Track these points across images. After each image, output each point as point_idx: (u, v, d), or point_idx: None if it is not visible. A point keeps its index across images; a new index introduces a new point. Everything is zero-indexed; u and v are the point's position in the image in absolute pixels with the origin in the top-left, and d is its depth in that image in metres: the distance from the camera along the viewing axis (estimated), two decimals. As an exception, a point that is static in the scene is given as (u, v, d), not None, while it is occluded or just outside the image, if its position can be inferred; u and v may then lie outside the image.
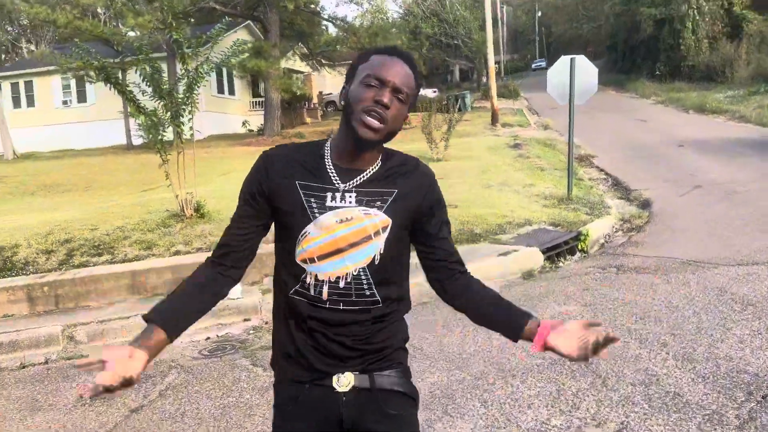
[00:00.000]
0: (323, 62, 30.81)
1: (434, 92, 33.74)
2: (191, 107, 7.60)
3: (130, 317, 5.36)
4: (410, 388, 1.61)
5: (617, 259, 6.51)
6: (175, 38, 7.70)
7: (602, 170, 12.56)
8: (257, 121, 28.04)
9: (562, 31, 63.79)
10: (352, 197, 1.48)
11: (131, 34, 21.23)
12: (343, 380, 1.53)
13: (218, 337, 5.12)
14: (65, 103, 28.87)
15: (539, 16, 64.78)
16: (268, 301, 5.34)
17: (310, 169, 1.51)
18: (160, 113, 7.54)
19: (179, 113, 7.48)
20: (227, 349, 4.81)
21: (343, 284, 1.48)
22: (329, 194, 1.48)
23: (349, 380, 1.53)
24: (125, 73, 16.66)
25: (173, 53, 17.60)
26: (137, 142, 18.82)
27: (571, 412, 3.25)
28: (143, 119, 7.48)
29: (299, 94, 28.46)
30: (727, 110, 20.79)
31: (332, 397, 1.53)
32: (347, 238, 1.47)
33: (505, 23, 54.19)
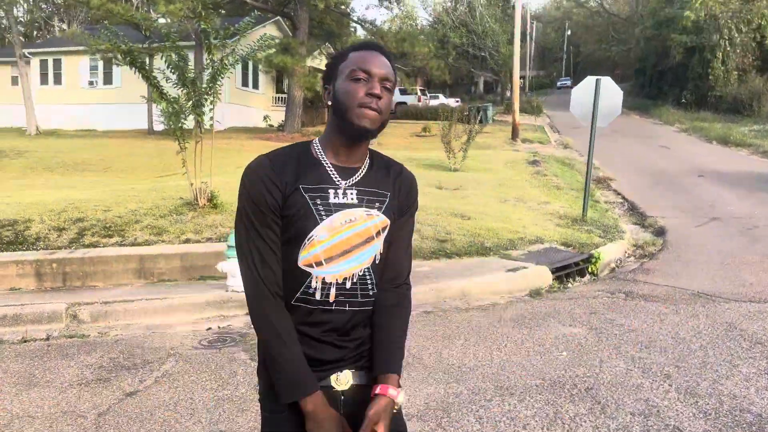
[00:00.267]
0: (349, 64, 30.76)
1: (456, 102, 33.72)
2: (213, 97, 7.65)
3: (134, 301, 5.38)
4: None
5: (627, 284, 6.43)
6: (203, 28, 7.75)
7: (619, 194, 12.45)
8: (278, 116, 28.17)
9: (590, 51, 63.63)
10: (353, 194, 1.50)
11: (161, 20, 21.42)
12: (342, 378, 1.52)
13: (219, 328, 5.11)
14: (91, 83, 29.17)
15: (568, 34, 64.58)
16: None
17: (308, 170, 1.50)
18: (182, 101, 7.59)
19: (201, 102, 7.53)
20: (227, 341, 4.79)
21: (349, 285, 1.49)
22: (331, 191, 1.49)
23: (348, 378, 1.53)
24: (152, 58, 16.82)
25: (200, 43, 17.75)
26: (158, 127, 18.97)
27: (566, 436, 3.20)
28: (165, 105, 7.54)
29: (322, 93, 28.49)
30: (751, 144, 20.52)
31: (331, 396, 1.50)
32: (352, 239, 1.48)
33: (533, 39, 54.01)
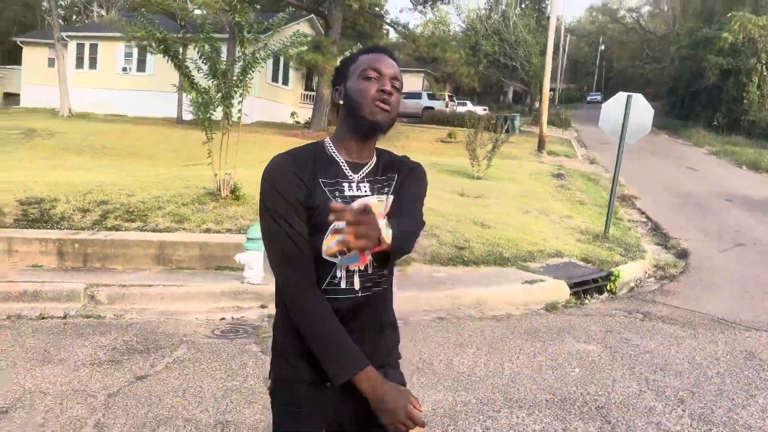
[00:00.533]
0: (379, 65, 30.83)
1: (484, 110, 33.55)
2: (243, 90, 7.71)
3: (151, 286, 5.44)
4: (404, 380, 1.69)
5: (645, 305, 6.33)
6: (237, 21, 7.81)
7: (643, 213, 12.28)
8: (305, 113, 28.27)
9: (623, 67, 62.90)
10: (366, 187, 1.59)
11: (197, 12, 21.62)
12: None
13: (233, 319, 5.14)
14: (125, 70, 29.58)
15: (602, 49, 63.93)
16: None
17: (324, 166, 1.58)
18: (212, 92, 7.66)
19: (230, 94, 7.60)
20: (240, 332, 4.82)
21: (370, 270, 1.56)
22: (346, 185, 1.57)
23: None
24: (185, 48, 17.02)
25: (234, 36, 17.92)
26: (187, 117, 19.16)
27: (573, 453, 3.16)
28: (195, 95, 7.61)
29: (350, 93, 28.52)
30: (783, 172, 20.14)
31: (350, 391, 1.53)
32: None
33: (566, 52, 53.57)
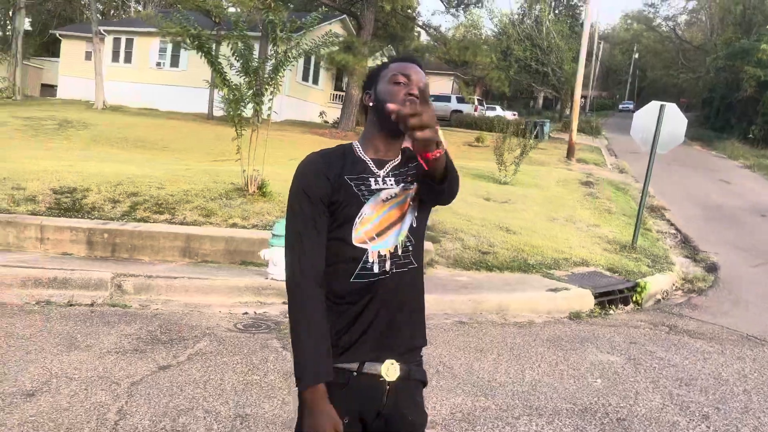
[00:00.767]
0: (409, 67, 30.84)
1: (513, 115, 33.36)
2: (274, 88, 7.78)
3: (177, 278, 5.51)
4: (425, 376, 1.75)
5: (671, 318, 6.22)
6: (270, 19, 7.89)
7: (672, 224, 12.05)
8: (334, 113, 28.41)
9: (657, 76, 61.95)
10: (391, 180, 1.66)
11: (231, 9, 21.88)
12: (392, 370, 1.60)
13: (256, 314, 5.19)
14: (159, 65, 30.07)
15: (636, 57, 63.04)
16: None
17: (351, 164, 1.67)
18: (243, 89, 7.75)
19: (261, 92, 7.68)
20: (261, 327, 4.86)
21: (401, 252, 1.63)
22: (372, 179, 1.65)
23: (396, 370, 1.61)
24: (218, 45, 17.21)
25: (266, 34, 18.07)
26: (218, 113, 19.39)
27: (593, 465, 3.11)
28: (226, 92, 7.71)
29: (379, 94, 28.56)
30: (820, 188, 19.57)
31: (379, 386, 1.59)
32: (395, 213, 1.63)
33: (599, 59, 52.95)
